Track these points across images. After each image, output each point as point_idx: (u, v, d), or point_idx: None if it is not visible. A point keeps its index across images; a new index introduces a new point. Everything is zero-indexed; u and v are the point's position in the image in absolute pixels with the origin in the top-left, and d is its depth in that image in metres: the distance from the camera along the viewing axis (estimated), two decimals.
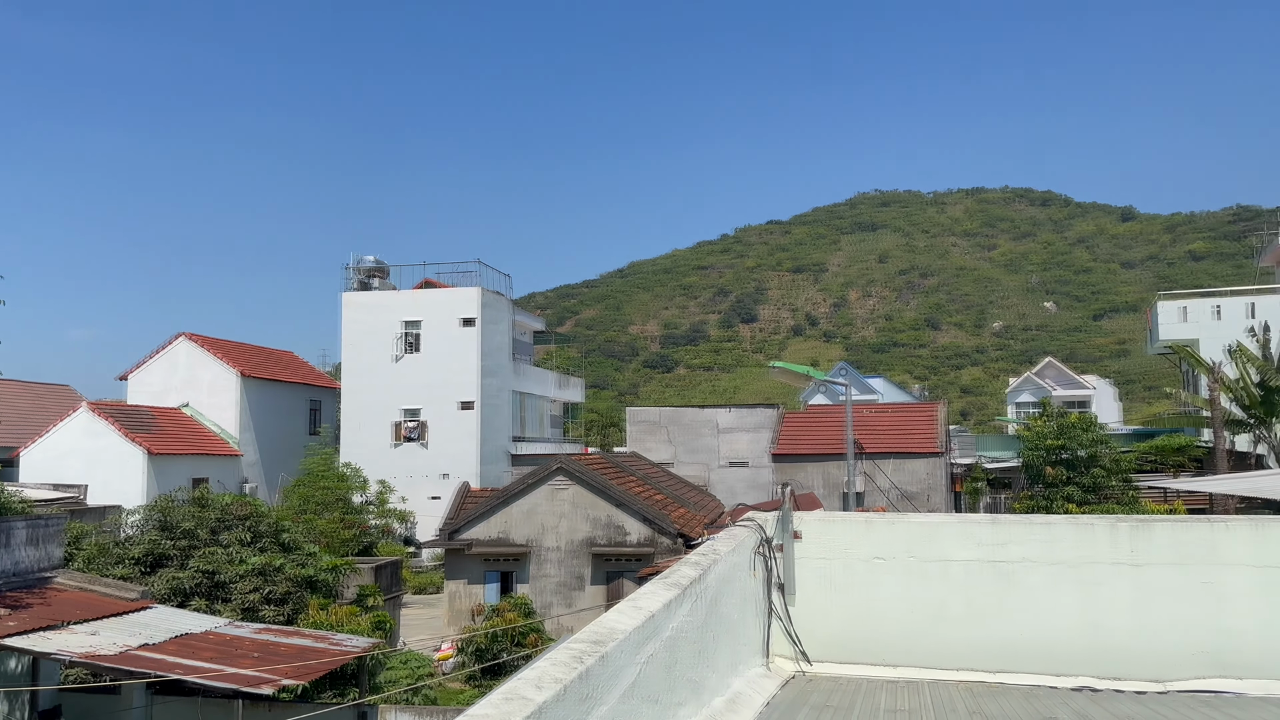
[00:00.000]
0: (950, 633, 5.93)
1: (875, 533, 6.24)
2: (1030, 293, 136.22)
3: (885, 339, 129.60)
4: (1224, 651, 5.58)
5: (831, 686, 5.47)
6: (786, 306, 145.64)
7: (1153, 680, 5.59)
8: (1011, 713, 4.70)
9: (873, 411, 35.94)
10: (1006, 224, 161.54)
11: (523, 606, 21.45)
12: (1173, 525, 5.81)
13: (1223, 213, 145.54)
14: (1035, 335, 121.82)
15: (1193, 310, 41.93)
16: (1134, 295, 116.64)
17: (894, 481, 31.67)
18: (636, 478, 26.00)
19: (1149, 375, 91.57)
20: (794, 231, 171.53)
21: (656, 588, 4.24)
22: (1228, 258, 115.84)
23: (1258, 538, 5.68)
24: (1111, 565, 5.83)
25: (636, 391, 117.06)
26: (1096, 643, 5.75)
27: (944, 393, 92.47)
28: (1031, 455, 30.61)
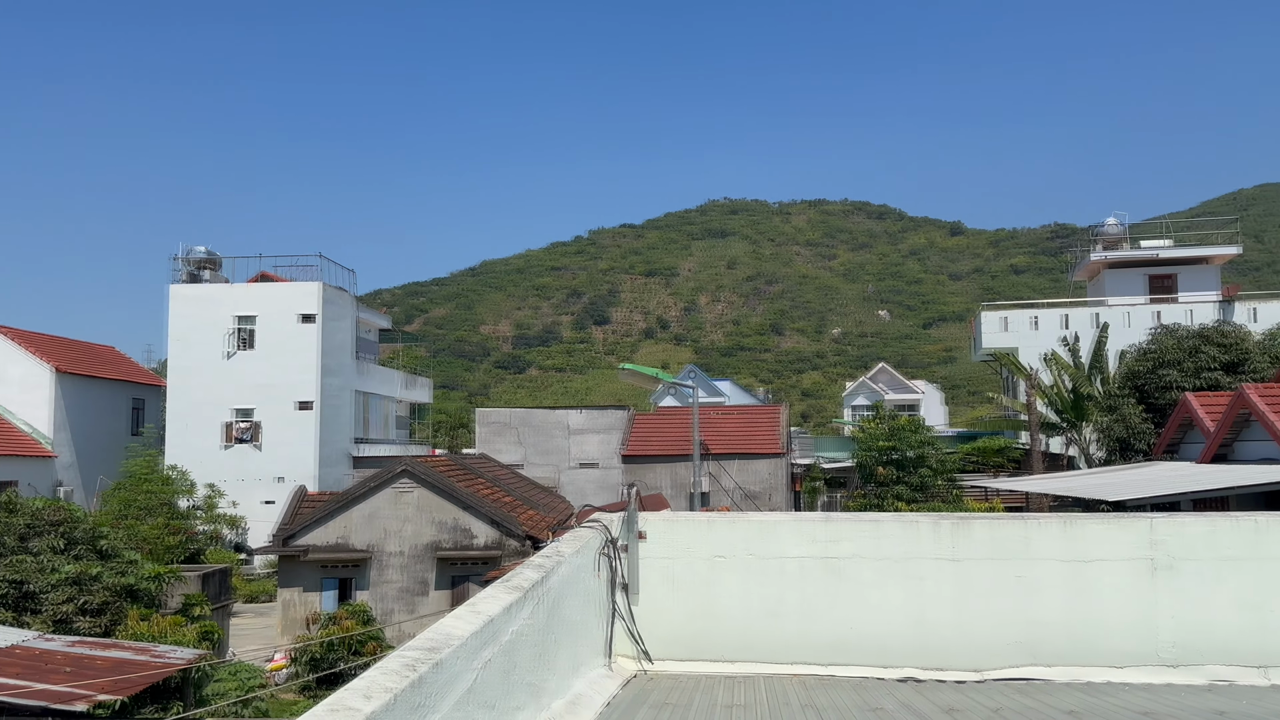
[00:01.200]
0: (786, 627, 6.10)
1: (716, 532, 6.35)
2: (866, 301, 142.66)
3: (733, 343, 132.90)
4: (1036, 641, 5.95)
5: (672, 684, 5.53)
6: (639, 309, 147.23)
7: (972, 670, 5.90)
8: (841, 704, 4.87)
9: (719, 413, 36.75)
10: (846, 235, 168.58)
11: (361, 614, 20.78)
12: (990, 522, 6.16)
13: (1042, 230, 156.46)
14: (871, 342, 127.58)
15: (1013, 320, 44.88)
16: (960, 305, 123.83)
17: (738, 482, 32.47)
18: (485, 480, 25.66)
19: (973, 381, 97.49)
20: (647, 235, 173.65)
21: (497, 591, 4.17)
22: (1046, 272, 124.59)
23: (1066, 534, 6.09)
24: (934, 561, 6.12)
25: (487, 392, 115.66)
26: (921, 635, 6.03)
27: (786, 396, 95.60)
28: (865, 456, 32.02)
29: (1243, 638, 5.82)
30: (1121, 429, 28.99)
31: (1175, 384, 28.53)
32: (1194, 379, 28.47)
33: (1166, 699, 5.10)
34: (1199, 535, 5.99)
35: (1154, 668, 5.83)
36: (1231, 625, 5.85)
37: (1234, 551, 5.94)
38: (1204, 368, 28.73)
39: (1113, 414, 29.55)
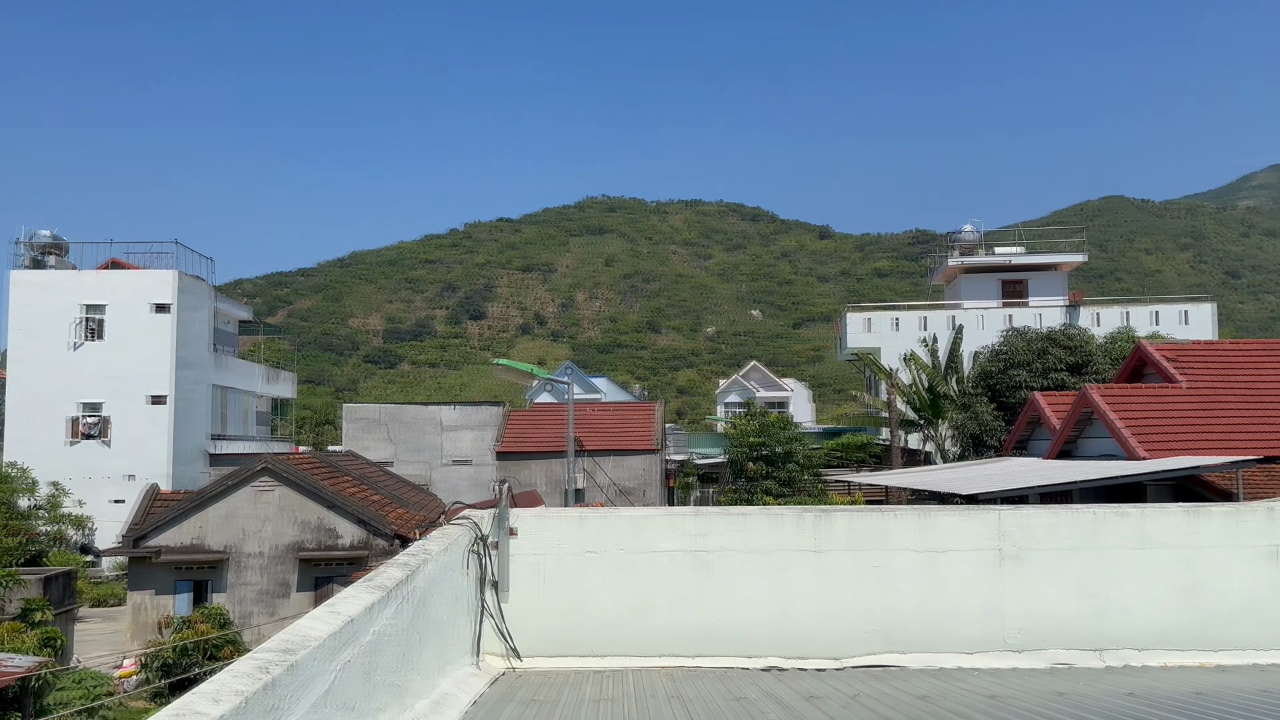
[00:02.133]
0: (655, 621, 6.15)
1: (588, 527, 6.34)
2: (740, 301, 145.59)
3: (610, 340, 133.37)
4: (892, 629, 6.18)
5: (541, 680, 5.50)
6: (515, 305, 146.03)
7: (832, 658, 6.08)
8: (706, 694, 4.94)
9: (595, 410, 36.83)
10: (721, 236, 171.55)
11: (218, 617, 19.92)
12: (850, 515, 6.36)
13: (904, 235, 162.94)
14: (744, 340, 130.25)
15: (876, 322, 46.61)
16: (828, 306, 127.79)
17: (613, 478, 32.62)
18: (352, 478, 24.96)
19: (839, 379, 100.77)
20: (524, 230, 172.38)
21: (358, 590, 4.05)
22: (908, 276, 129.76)
23: (921, 526, 6.35)
24: (798, 552, 6.28)
25: (356, 388, 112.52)
26: (785, 625, 6.18)
27: (662, 393, 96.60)
28: (736, 452, 32.69)
29: (1081, 623, 6.19)
30: (975, 426, 30.49)
31: (1025, 384, 30.19)
32: (1042, 379, 30.19)
33: (1012, 682, 5.37)
34: (1043, 527, 6.34)
35: (1001, 653, 6.13)
36: (1071, 612, 6.22)
37: (1074, 542, 6.31)
38: (1051, 368, 30.51)
39: (967, 412, 31.05)
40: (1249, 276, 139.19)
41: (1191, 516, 6.34)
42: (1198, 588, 6.24)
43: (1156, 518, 6.33)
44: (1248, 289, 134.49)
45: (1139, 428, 21.37)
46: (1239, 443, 20.91)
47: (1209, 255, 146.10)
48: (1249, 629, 6.17)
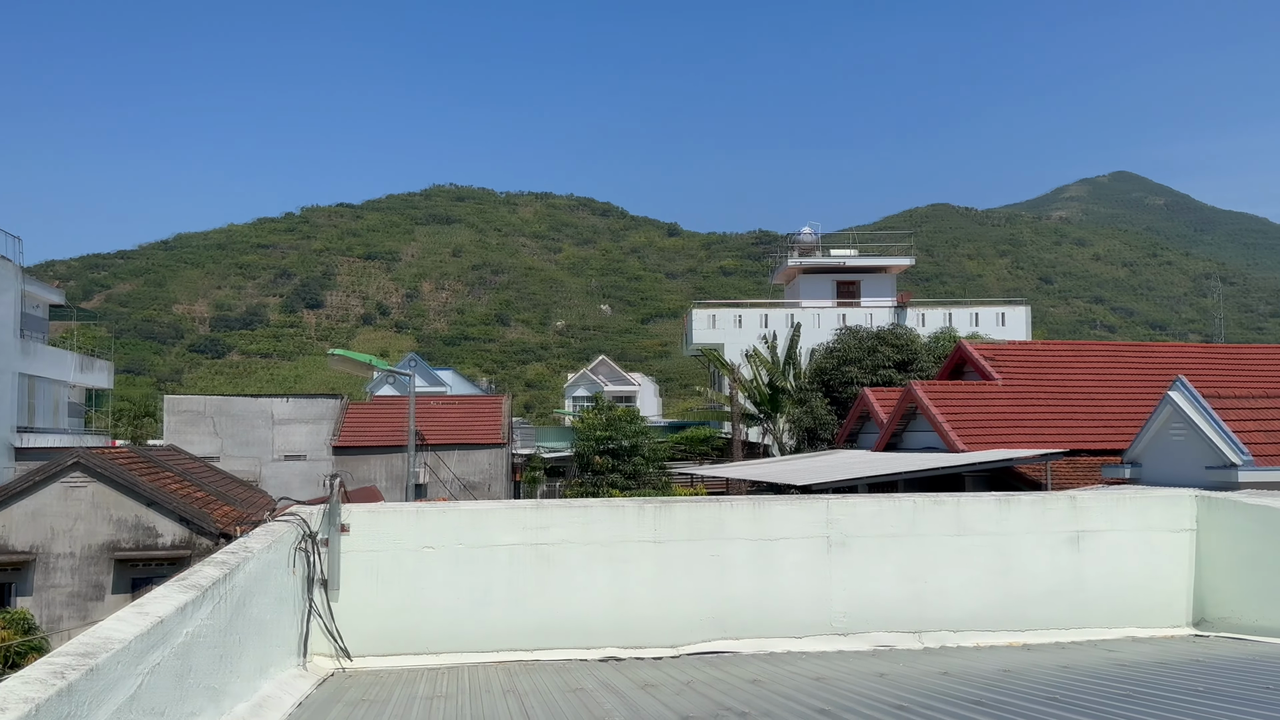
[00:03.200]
0: (494, 616, 6.08)
1: (426, 522, 6.20)
2: (589, 295, 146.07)
3: (457, 332, 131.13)
4: (726, 615, 6.33)
5: (372, 680, 5.33)
6: (356, 294, 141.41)
7: (669, 646, 6.17)
8: (543, 687, 4.92)
9: (439, 403, 36.12)
10: (571, 230, 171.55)
11: (21, 622, 18.40)
12: (689, 505, 6.48)
13: (748, 235, 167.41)
14: (593, 335, 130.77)
15: (720, 319, 47.70)
16: (675, 303, 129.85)
17: (458, 472, 32.08)
18: (174, 474, 23.56)
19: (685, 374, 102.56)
20: (366, 217, 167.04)
21: (170, 590, 3.81)
22: (751, 275, 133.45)
23: (755, 515, 6.52)
24: (639, 543, 6.34)
25: (180, 378, 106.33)
26: (624, 615, 6.23)
27: (510, 386, 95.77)
28: (583, 445, 32.78)
29: (902, 607, 6.52)
30: (810, 420, 31.68)
31: (856, 380, 31.57)
32: (872, 375, 31.65)
33: (837, 664, 5.59)
34: (868, 515, 6.63)
35: (828, 636, 6.38)
36: (893, 596, 6.53)
37: (896, 529, 6.63)
38: (880, 365, 32.02)
39: (803, 406, 32.22)
40: (1060, 282, 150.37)
41: (1003, 505, 6.77)
42: (1008, 572, 6.68)
43: (971, 506, 6.73)
44: (1059, 294, 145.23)
45: (958, 422, 22.71)
46: (1048, 437, 22.53)
47: (1025, 261, 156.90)
48: (1052, 610, 6.65)
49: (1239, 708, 3.96)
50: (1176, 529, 6.89)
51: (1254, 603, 6.45)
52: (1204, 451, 16.97)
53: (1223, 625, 6.59)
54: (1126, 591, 6.74)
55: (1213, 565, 6.76)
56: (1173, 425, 17.76)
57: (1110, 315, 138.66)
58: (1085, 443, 22.44)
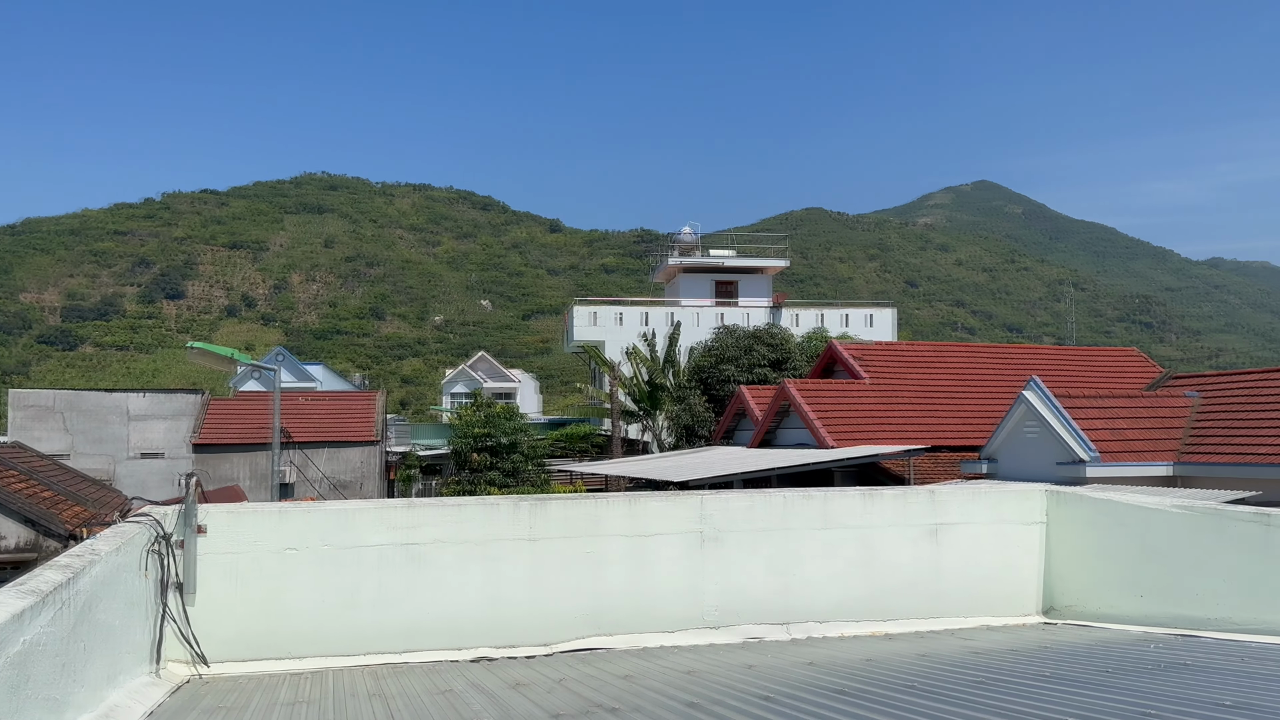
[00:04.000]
0: (361, 618, 5.92)
1: (289, 523, 5.99)
2: (469, 290, 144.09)
3: (329, 326, 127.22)
4: (601, 612, 6.34)
5: (230, 686, 5.11)
6: (220, 284, 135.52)
7: (543, 645, 6.14)
8: (410, 690, 4.81)
9: (308, 399, 34.97)
10: (450, 223, 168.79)
11: None
12: (565, 503, 6.46)
13: (630, 233, 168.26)
14: (472, 330, 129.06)
15: (601, 316, 47.80)
16: (557, 300, 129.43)
17: (328, 471, 31.13)
18: (18, 472, 22.05)
19: (566, 371, 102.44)
20: (232, 204, 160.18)
21: (6, 596, 3.55)
22: (633, 273, 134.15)
23: (631, 512, 6.55)
24: (513, 541, 6.28)
25: (27, 371, 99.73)
26: (497, 615, 6.16)
27: (385, 382, 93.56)
28: (460, 443, 32.31)
29: (772, 599, 6.66)
30: (688, 417, 32.10)
31: (733, 378, 32.17)
32: (748, 374, 32.31)
33: (708, 657, 5.68)
34: (740, 510, 6.75)
35: (700, 630, 6.46)
36: (763, 589, 6.67)
37: (767, 524, 6.77)
38: (756, 364, 32.72)
39: (681, 404, 32.63)
40: (925, 286, 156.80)
41: (867, 499, 7.00)
42: (871, 564, 6.91)
43: (838, 500, 6.94)
44: (923, 297, 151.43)
45: (829, 419, 23.42)
46: (911, 433, 23.46)
47: (893, 265, 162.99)
48: (913, 600, 6.91)
49: (1082, 691, 4.20)
50: (1028, 522, 7.27)
51: (1097, 591, 6.87)
52: (1055, 448, 17.99)
53: (1069, 613, 6.98)
54: (982, 582, 7.06)
55: (1061, 556, 7.16)
56: (1027, 423, 18.76)
57: (971, 318, 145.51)
58: (946, 439, 23.47)
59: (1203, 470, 17.17)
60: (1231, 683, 4.27)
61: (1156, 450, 17.98)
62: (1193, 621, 6.07)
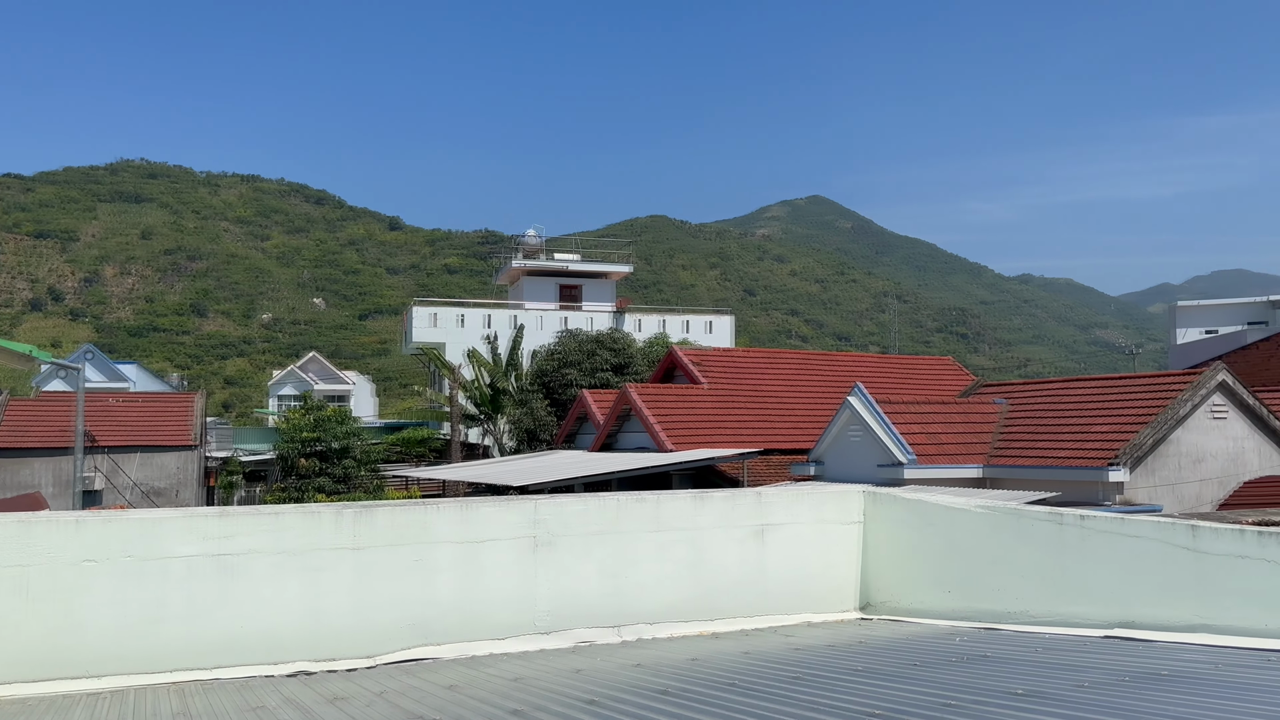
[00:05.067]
0: (167, 633, 5.56)
1: (87, 533, 5.56)
2: (301, 288, 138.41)
3: (145, 322, 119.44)
4: (429, 621, 6.19)
5: (17, 709, 4.69)
6: (24, 276, 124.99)
7: (365, 657, 5.94)
8: (220, 708, 4.55)
9: (119, 400, 32.70)
10: (281, 217, 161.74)
11: None
12: (392, 510, 6.27)
13: (475, 234, 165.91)
14: (304, 330, 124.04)
15: (442, 317, 46.93)
16: (396, 300, 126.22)
17: (140, 477, 29.19)
18: None
19: (405, 374, 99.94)
20: (39, 190, 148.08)
21: None
22: (477, 274, 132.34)
23: (463, 518, 6.43)
24: (335, 551, 6.05)
25: None
26: (317, 627, 5.92)
27: (206, 383, 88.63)
28: (287, 448, 30.98)
29: (603, 602, 6.68)
30: (530, 421, 31.93)
31: (575, 382, 32.23)
32: (591, 378, 32.45)
33: (537, 663, 5.63)
34: (574, 514, 6.74)
35: (531, 636, 6.41)
36: (595, 592, 6.68)
37: (600, 527, 6.79)
38: (599, 368, 32.90)
39: (524, 407, 32.43)
40: (762, 295, 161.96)
41: (697, 501, 7.14)
42: (700, 565, 7.04)
43: (670, 503, 7.03)
44: (760, 305, 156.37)
45: (668, 423, 23.80)
46: (746, 437, 24.15)
47: (732, 274, 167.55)
48: (739, 599, 7.09)
49: (891, 683, 4.41)
50: (847, 521, 7.59)
51: (909, 587, 7.24)
52: (877, 451, 18.90)
53: (884, 608, 7.33)
54: (804, 580, 7.32)
55: (877, 554, 7.51)
56: (851, 427, 19.64)
57: (804, 326, 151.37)
58: (778, 442, 24.29)
59: (1009, 472, 18.45)
60: (1025, 672, 4.58)
61: (968, 453, 19.19)
62: (995, 615, 6.48)
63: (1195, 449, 17.55)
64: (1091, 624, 5.89)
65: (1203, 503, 17.34)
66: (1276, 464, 18.38)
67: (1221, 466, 17.80)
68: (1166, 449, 17.24)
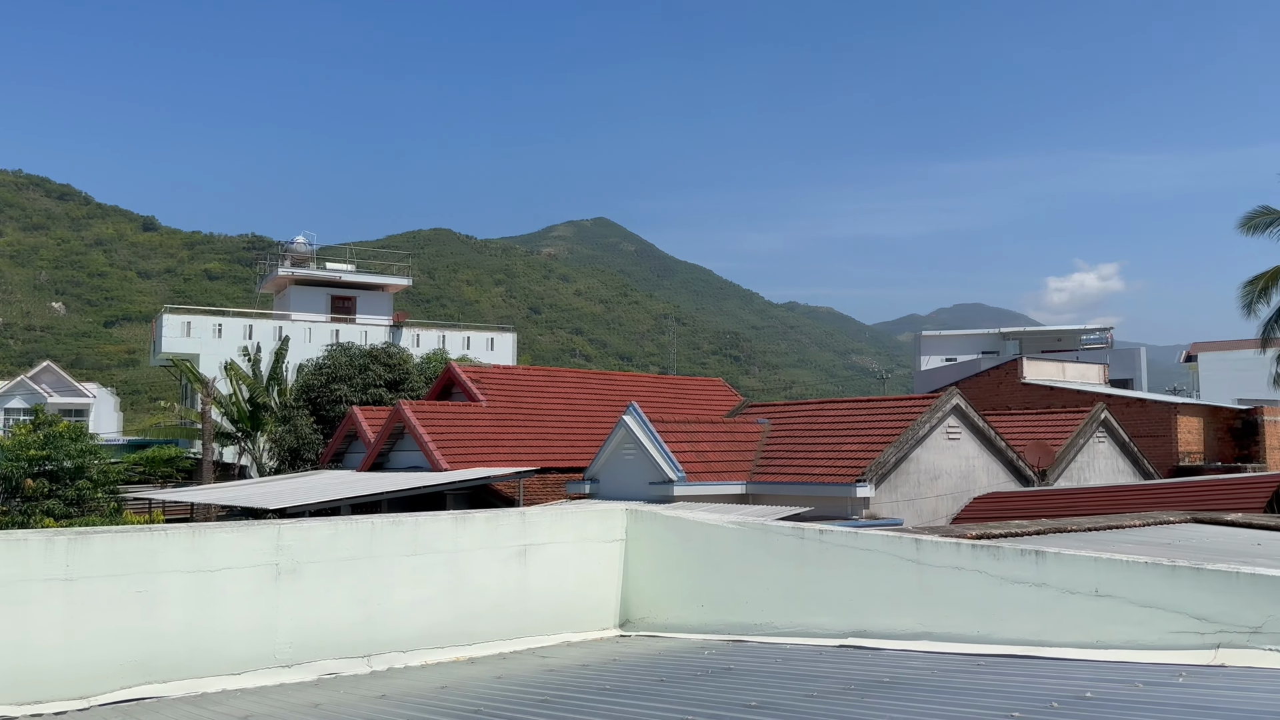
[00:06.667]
0: None
1: None
2: (38, 290, 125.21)
3: None
4: (154, 657, 5.67)
5: None
6: None
7: (78, 698, 5.37)
8: None
9: None
10: (17, 211, 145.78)
11: None
12: (112, 536, 5.71)
13: (239, 238, 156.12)
14: (40, 337, 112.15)
15: (196, 326, 43.80)
16: (149, 306, 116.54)
17: None
18: None
19: (156, 387, 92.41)
20: None
21: None
22: (241, 281, 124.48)
23: (195, 545, 5.94)
24: (44, 583, 5.44)
25: None
26: (21, 666, 5.29)
27: None
28: (12, 467, 27.78)
29: (353, 631, 6.37)
30: (293, 439, 30.31)
31: (345, 398, 30.93)
32: (362, 394, 31.25)
33: (274, 698, 5.28)
34: (323, 539, 6.40)
35: (270, 670, 6.01)
36: (344, 621, 6.36)
37: (352, 552, 6.49)
38: (371, 384, 31.74)
39: (287, 424, 30.74)
40: (547, 313, 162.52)
41: (458, 522, 6.97)
42: (460, 588, 6.87)
43: (429, 525, 6.83)
44: (545, 324, 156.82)
45: (444, 441, 23.29)
46: (524, 455, 24.03)
47: (518, 291, 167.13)
48: (499, 622, 6.97)
49: (637, 700, 4.45)
50: (609, 539, 7.66)
51: (666, 603, 7.39)
52: (649, 468, 19.32)
53: (643, 625, 7.44)
54: (565, 599, 7.31)
55: (637, 571, 7.63)
56: (625, 446, 19.98)
57: (588, 346, 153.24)
58: (556, 461, 24.34)
59: (770, 488, 19.38)
60: (762, 683, 4.75)
61: (733, 471, 19.99)
62: (743, 628, 6.72)
63: (932, 467, 19.13)
64: (829, 634, 6.22)
65: (938, 516, 18.92)
66: (1002, 481, 20.36)
67: (955, 483, 19.50)
68: (908, 466, 18.69)
